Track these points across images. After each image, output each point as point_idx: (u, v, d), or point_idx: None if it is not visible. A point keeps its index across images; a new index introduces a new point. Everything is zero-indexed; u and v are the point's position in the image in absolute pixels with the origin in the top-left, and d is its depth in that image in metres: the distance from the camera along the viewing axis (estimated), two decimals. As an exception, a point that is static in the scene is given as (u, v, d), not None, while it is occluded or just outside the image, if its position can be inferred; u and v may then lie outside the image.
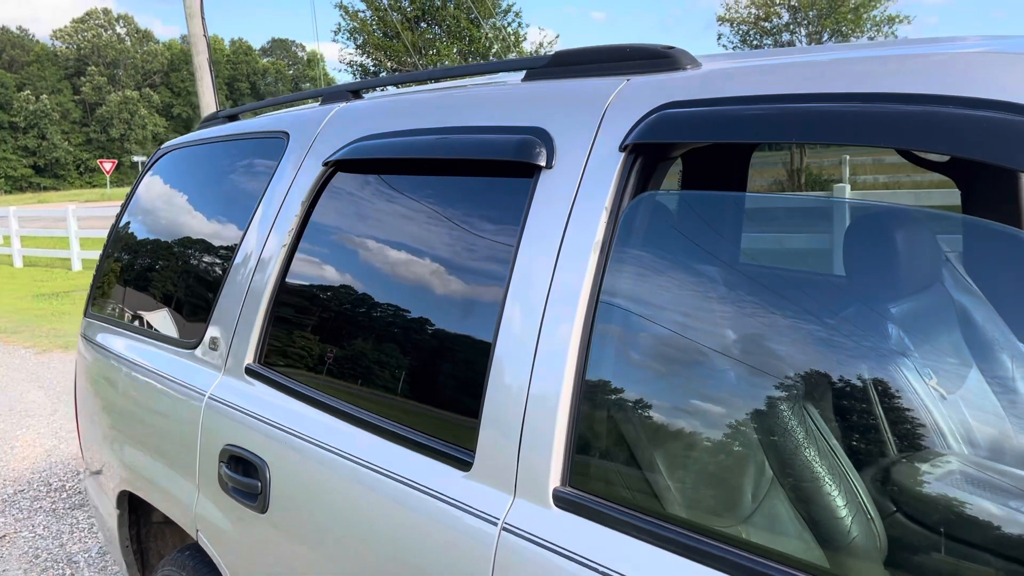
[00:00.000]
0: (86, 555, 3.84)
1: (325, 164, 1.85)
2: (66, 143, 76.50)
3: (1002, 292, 1.94)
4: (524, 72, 1.62)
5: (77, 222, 14.80)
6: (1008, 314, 1.93)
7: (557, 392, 1.26)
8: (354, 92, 2.03)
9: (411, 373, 1.58)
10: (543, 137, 1.39)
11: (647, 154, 1.27)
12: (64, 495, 4.55)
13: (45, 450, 5.27)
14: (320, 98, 2.13)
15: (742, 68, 1.29)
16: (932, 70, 1.06)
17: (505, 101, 1.58)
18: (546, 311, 1.29)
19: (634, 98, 1.32)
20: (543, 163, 1.37)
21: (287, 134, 2.06)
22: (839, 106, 1.08)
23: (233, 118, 2.54)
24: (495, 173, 1.51)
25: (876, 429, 1.31)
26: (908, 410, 1.36)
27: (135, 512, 2.54)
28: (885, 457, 1.32)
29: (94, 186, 70.42)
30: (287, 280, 1.89)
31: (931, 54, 1.11)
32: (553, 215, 1.33)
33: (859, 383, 1.31)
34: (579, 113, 1.38)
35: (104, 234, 15.13)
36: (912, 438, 1.39)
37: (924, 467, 1.35)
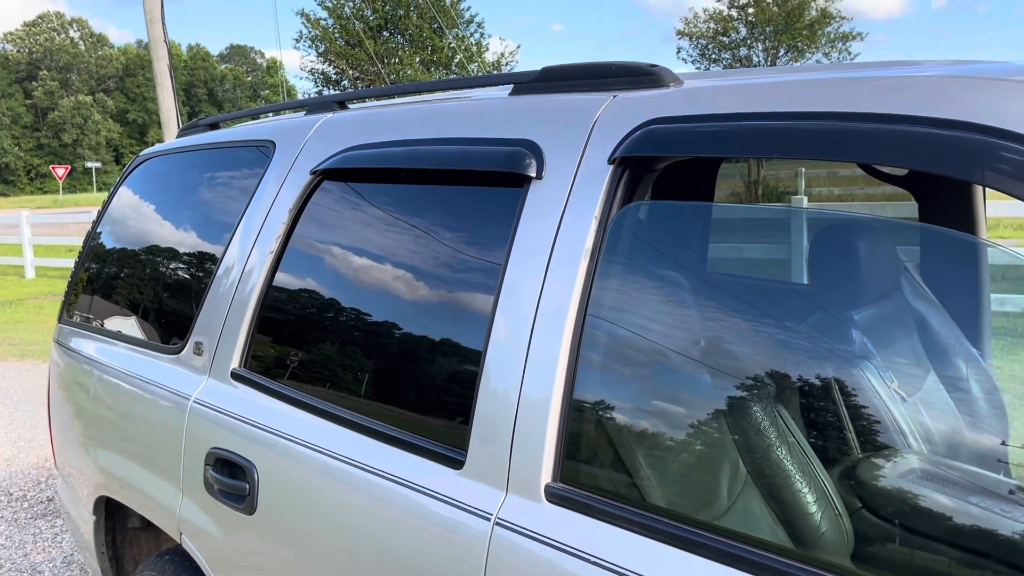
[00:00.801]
0: (51, 564, 3.79)
1: (313, 173, 1.89)
2: (16, 148, 74.64)
3: (956, 298, 2.04)
4: (512, 86, 1.68)
5: (30, 229, 14.49)
6: (961, 319, 2.04)
7: (548, 393, 1.31)
8: (340, 103, 2.08)
9: (401, 376, 1.62)
10: (533, 149, 1.46)
11: (635, 167, 1.34)
12: (26, 505, 4.48)
13: (4, 459, 5.18)
14: (305, 108, 2.17)
15: (722, 87, 1.37)
16: (898, 91, 1.14)
17: (494, 114, 1.64)
18: (537, 315, 1.35)
19: (621, 113, 1.39)
20: (533, 174, 1.44)
21: (273, 143, 2.09)
22: (814, 124, 1.16)
23: (215, 126, 2.57)
24: (485, 184, 1.57)
25: (843, 429, 1.39)
26: (872, 411, 1.45)
27: (110, 518, 2.54)
28: (851, 456, 1.40)
29: (46, 192, 68.82)
30: (274, 286, 1.92)
31: (896, 76, 1.20)
32: (543, 224, 1.39)
33: (827, 386, 1.39)
34: (568, 127, 1.44)
35: (59, 241, 14.87)
36: (876, 438, 1.48)
37: (887, 465, 1.43)
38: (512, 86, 1.68)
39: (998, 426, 1.77)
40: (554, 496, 1.29)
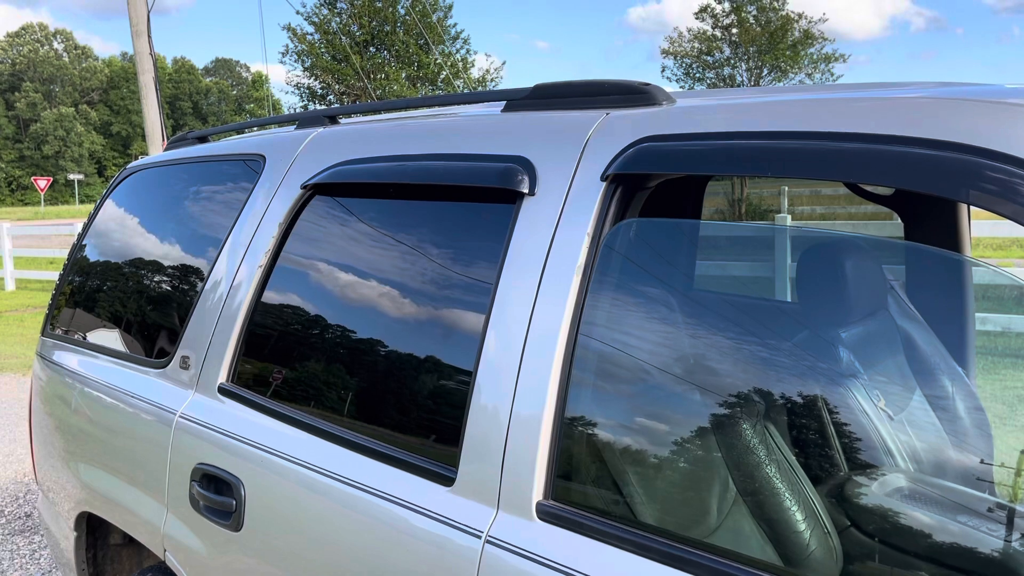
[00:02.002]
0: (28, 582, 3.73)
1: (304, 187, 1.89)
2: (-3, 159, 74.16)
3: (942, 316, 2.06)
4: (504, 103, 1.69)
5: (11, 240, 14.34)
6: (947, 337, 2.06)
7: (540, 410, 1.31)
8: (331, 117, 2.08)
9: (391, 393, 1.61)
10: (526, 165, 1.46)
11: (627, 184, 1.35)
12: (3, 520, 4.41)
13: (-18, 475, 5.11)
14: (296, 122, 2.17)
15: (713, 105, 1.38)
16: (887, 112, 1.16)
17: (486, 130, 1.64)
18: (529, 332, 1.35)
19: (614, 131, 1.40)
20: (526, 190, 1.44)
21: (263, 157, 2.09)
22: (806, 143, 1.17)
23: (203, 140, 2.56)
24: (477, 200, 1.58)
25: (831, 448, 1.40)
26: (859, 430, 1.46)
27: (91, 534, 2.50)
28: (839, 474, 1.41)
29: (27, 204, 68.21)
30: (262, 300, 1.91)
31: (885, 97, 1.22)
32: (536, 240, 1.40)
33: (815, 405, 1.40)
34: (561, 143, 1.45)
35: (40, 253, 14.73)
36: (864, 456, 1.49)
37: (875, 483, 1.44)
38: (504, 103, 1.69)
39: (983, 445, 1.79)
40: (545, 514, 1.29)
